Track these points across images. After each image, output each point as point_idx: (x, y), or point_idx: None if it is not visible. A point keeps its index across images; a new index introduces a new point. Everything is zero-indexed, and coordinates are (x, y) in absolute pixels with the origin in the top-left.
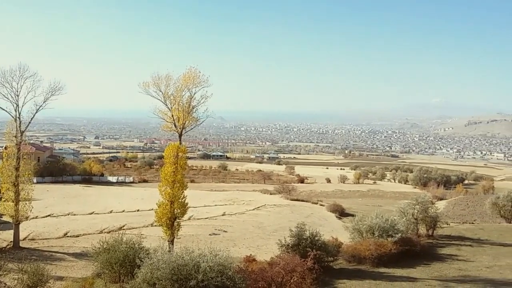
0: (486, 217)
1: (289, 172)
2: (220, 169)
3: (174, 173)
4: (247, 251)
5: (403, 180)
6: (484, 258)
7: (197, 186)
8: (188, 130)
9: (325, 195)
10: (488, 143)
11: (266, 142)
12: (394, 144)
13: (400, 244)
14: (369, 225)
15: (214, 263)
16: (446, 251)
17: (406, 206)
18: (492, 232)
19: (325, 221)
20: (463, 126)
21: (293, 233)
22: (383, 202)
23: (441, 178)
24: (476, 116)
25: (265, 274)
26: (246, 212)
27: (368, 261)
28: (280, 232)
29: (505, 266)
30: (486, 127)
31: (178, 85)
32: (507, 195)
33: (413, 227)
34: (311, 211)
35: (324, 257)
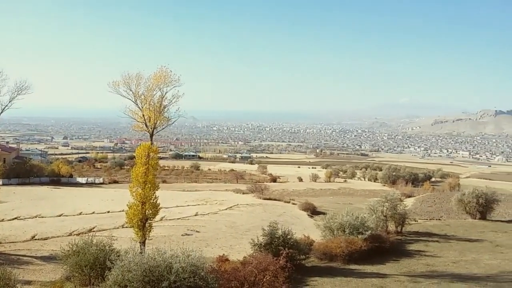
0: (452, 214)
1: (262, 171)
2: (193, 169)
3: (146, 173)
4: (220, 251)
5: (373, 178)
6: (450, 253)
7: (169, 187)
8: (160, 130)
9: (297, 193)
10: (454, 141)
11: (238, 141)
12: (364, 143)
13: (370, 241)
14: (340, 223)
15: (186, 264)
16: (414, 247)
17: (375, 203)
18: (458, 228)
19: (297, 220)
20: (430, 125)
21: (266, 232)
22: (353, 200)
23: (409, 176)
24: (442, 116)
25: (238, 274)
26: (219, 212)
27: (339, 258)
28: (253, 231)
29: (470, 261)
30: (452, 126)
31: (149, 85)
32: (472, 192)
33: (382, 224)
34: (283, 210)
35: (296, 255)
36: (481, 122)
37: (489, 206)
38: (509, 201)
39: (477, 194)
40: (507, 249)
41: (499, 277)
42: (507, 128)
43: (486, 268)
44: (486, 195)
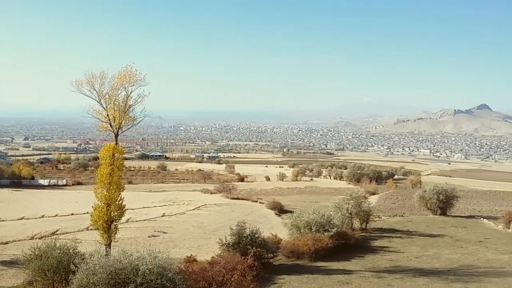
0: (414, 210)
1: (229, 171)
2: (159, 169)
3: (111, 174)
4: (188, 251)
5: (338, 177)
6: (413, 248)
7: (135, 188)
8: (125, 130)
9: (264, 193)
10: (415, 140)
11: (206, 141)
12: (329, 142)
13: (336, 238)
14: (307, 221)
15: (153, 265)
16: (378, 243)
17: (341, 201)
18: (420, 224)
19: (265, 219)
20: (392, 124)
21: (234, 232)
22: (319, 198)
23: (373, 174)
24: (404, 115)
25: (205, 274)
26: (186, 212)
27: (306, 256)
28: (221, 231)
29: (432, 255)
30: (413, 125)
31: (113, 84)
32: (433, 189)
33: (347, 221)
34: (251, 209)
35: (264, 254)
36: (441, 121)
37: (449, 202)
38: (468, 197)
39: (437, 191)
40: (466, 244)
41: (459, 271)
42: (466, 126)
43: (447, 263)
44: (446, 191)
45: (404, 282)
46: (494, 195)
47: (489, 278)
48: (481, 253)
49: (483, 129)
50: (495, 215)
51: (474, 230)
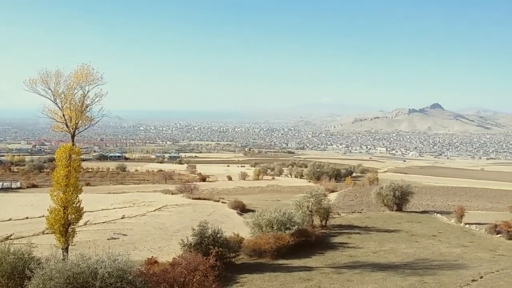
0: (372, 206)
1: (191, 171)
2: (119, 170)
3: (67, 176)
4: (149, 253)
5: (299, 175)
6: (371, 244)
7: (93, 189)
8: (82, 130)
9: (226, 192)
10: (372, 138)
11: (166, 141)
12: (290, 141)
13: (297, 236)
14: (268, 219)
15: (113, 269)
16: (338, 239)
17: (301, 199)
18: (377, 220)
19: (227, 218)
20: (350, 123)
21: (196, 232)
22: (281, 196)
23: (332, 172)
24: (362, 114)
25: (167, 275)
26: (147, 214)
27: (268, 254)
28: (183, 232)
29: (389, 250)
30: (370, 124)
31: (69, 83)
32: (389, 186)
33: (308, 218)
34: (213, 209)
35: (226, 254)
36: (396, 120)
37: (404, 198)
38: (422, 193)
39: (393, 188)
40: (421, 238)
41: (414, 264)
42: (419, 125)
43: (403, 257)
44: (402, 188)
45: (363, 277)
46: (446, 190)
47: (443, 270)
48: (435, 246)
49: (436, 128)
50: (447, 210)
51: (428, 225)
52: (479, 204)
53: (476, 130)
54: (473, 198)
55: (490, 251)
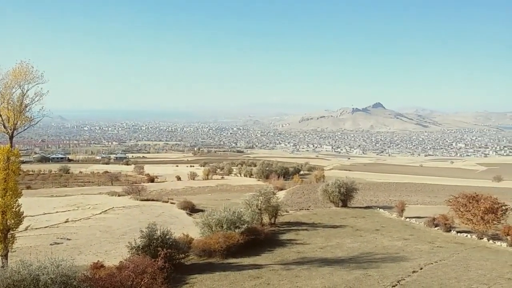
0: (318, 203)
1: (138, 172)
2: (62, 172)
3: (6, 180)
4: (95, 257)
5: (248, 174)
6: (318, 240)
7: (34, 193)
8: (21, 131)
9: (175, 193)
10: (319, 137)
11: (112, 141)
12: (239, 140)
13: (246, 234)
14: (218, 218)
15: (56, 275)
16: (286, 236)
17: (251, 198)
18: (323, 216)
19: (176, 219)
20: (297, 122)
21: (144, 234)
22: (230, 195)
23: (281, 170)
24: (308, 113)
25: (113, 280)
26: (92, 217)
27: (218, 254)
28: (130, 235)
29: (335, 245)
30: (316, 123)
31: (7, 81)
32: (334, 183)
33: (257, 217)
34: (162, 210)
35: (175, 255)
36: (341, 119)
37: (349, 195)
38: (365, 189)
39: (339, 184)
40: (365, 233)
41: (359, 258)
42: (363, 124)
43: (348, 251)
44: (347, 184)
45: (311, 272)
46: (388, 186)
47: (386, 263)
48: (379, 240)
49: (378, 126)
50: (389, 205)
51: (372, 220)
52: (418, 199)
53: (414, 128)
54: (412, 193)
55: (429, 243)
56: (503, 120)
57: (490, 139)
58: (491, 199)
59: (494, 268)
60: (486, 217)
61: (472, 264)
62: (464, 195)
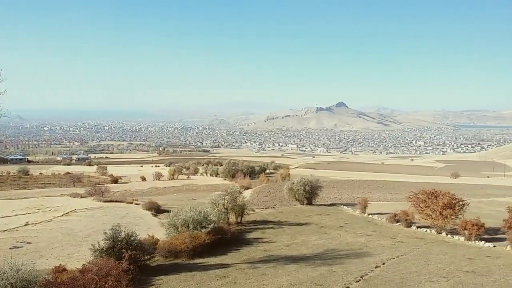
0: (284, 201)
1: (102, 172)
2: (21, 174)
3: None
4: (57, 261)
5: (214, 173)
6: (284, 237)
7: None
8: None
9: (140, 193)
10: (284, 135)
11: (74, 142)
12: (205, 139)
13: (213, 234)
14: (184, 219)
15: (16, 279)
16: (253, 235)
17: (217, 197)
18: (289, 214)
19: (141, 220)
20: (263, 121)
21: (107, 236)
22: (197, 195)
23: (247, 169)
24: (274, 112)
25: (76, 283)
26: (54, 219)
27: (184, 254)
28: (93, 237)
29: (300, 243)
30: (282, 122)
31: None
32: (300, 181)
33: (224, 216)
34: (126, 211)
35: (140, 256)
36: (305, 118)
37: (314, 193)
38: (330, 187)
39: (304, 183)
40: (330, 230)
41: (324, 255)
42: (326, 122)
43: (313, 248)
44: (311, 182)
45: (277, 270)
46: (351, 183)
47: (349, 259)
48: (342, 237)
49: (341, 125)
50: (353, 202)
51: (336, 217)
52: (380, 196)
53: (376, 126)
54: (375, 190)
55: (391, 238)
56: (459, 118)
57: (448, 137)
58: (449, 195)
59: (452, 262)
60: (444, 212)
61: (432, 258)
62: (424, 192)
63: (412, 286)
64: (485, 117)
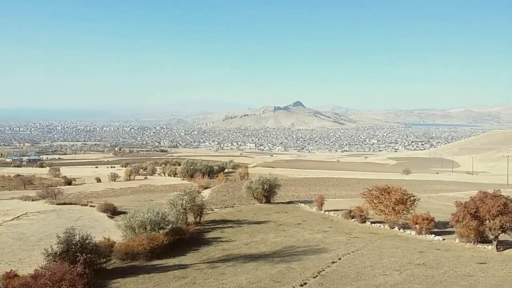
0: (243, 200)
1: (54, 174)
2: None
3: None
4: (7, 267)
5: (173, 173)
6: (243, 236)
7: None
8: None
9: (95, 195)
10: (242, 135)
11: (24, 143)
12: (162, 139)
13: (171, 235)
14: (141, 220)
15: None
16: (212, 235)
17: (175, 197)
18: (248, 212)
19: (96, 222)
20: (221, 120)
21: (61, 240)
22: (154, 196)
23: (205, 169)
24: (232, 112)
25: None
26: (3, 224)
27: (142, 256)
28: (46, 241)
29: (259, 241)
30: (240, 121)
31: None
32: (258, 180)
33: (182, 216)
34: (80, 213)
35: (96, 259)
36: (263, 117)
37: (272, 191)
38: (287, 185)
39: (262, 181)
40: (288, 227)
41: (282, 252)
42: (284, 121)
43: (272, 246)
44: (270, 181)
45: (236, 269)
46: (308, 181)
47: (307, 255)
48: (300, 234)
49: (298, 124)
50: (310, 199)
51: (293, 214)
52: (336, 192)
53: (332, 125)
54: (331, 187)
55: (347, 234)
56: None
57: (399, 135)
58: (401, 191)
59: (405, 255)
60: (397, 207)
61: (385, 252)
62: (377, 188)
63: (367, 280)
64: (434, 115)
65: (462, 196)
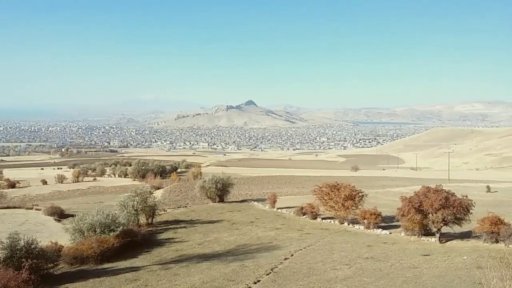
0: (196, 200)
1: None
2: None
3: None
4: None
5: (123, 174)
6: (196, 236)
7: None
8: None
9: (41, 198)
10: (195, 134)
11: None
12: (112, 139)
13: (122, 237)
14: (90, 223)
15: None
16: (164, 235)
17: (126, 199)
18: (201, 212)
19: (42, 226)
20: (173, 120)
21: (5, 245)
22: (104, 198)
23: (157, 169)
24: (184, 110)
25: None
26: None
27: (92, 260)
28: None
29: (213, 240)
30: (192, 120)
31: None
32: (211, 179)
33: (133, 218)
34: (25, 217)
35: (43, 265)
36: (216, 116)
37: (225, 190)
38: (241, 183)
39: (215, 180)
40: (241, 226)
41: (236, 251)
42: (237, 120)
43: (225, 245)
44: (223, 180)
45: (189, 269)
46: (261, 180)
47: (260, 253)
48: (253, 232)
49: (251, 123)
50: (263, 197)
51: (247, 213)
52: (288, 190)
53: (284, 124)
54: (283, 185)
55: (298, 230)
56: (358, 116)
57: (348, 133)
58: (350, 187)
59: (354, 250)
60: (346, 203)
61: (336, 247)
62: (327, 185)
63: (318, 275)
64: (380, 114)
65: (407, 191)
